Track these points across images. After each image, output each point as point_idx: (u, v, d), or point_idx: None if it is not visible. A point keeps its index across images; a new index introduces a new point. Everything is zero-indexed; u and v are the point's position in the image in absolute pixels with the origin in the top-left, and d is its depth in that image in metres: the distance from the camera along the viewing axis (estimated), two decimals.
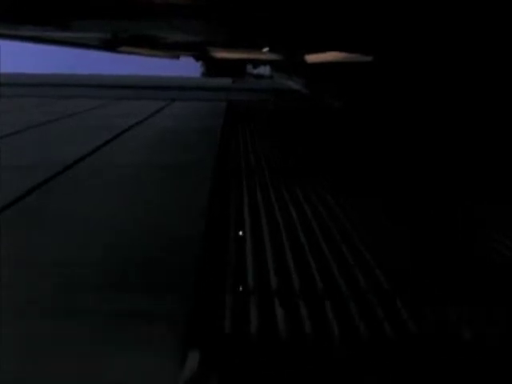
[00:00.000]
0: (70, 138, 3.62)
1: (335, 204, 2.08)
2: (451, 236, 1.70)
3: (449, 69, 3.62)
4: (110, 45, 7.58)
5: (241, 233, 1.60)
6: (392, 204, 2.11)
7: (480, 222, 1.86)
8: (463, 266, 1.44)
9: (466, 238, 1.68)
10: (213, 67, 17.18)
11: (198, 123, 4.65)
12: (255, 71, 18.81)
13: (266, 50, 7.36)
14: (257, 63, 16.18)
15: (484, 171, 2.79)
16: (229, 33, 5.56)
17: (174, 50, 9.21)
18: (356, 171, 2.82)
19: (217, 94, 9.17)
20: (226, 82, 14.50)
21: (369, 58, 5.38)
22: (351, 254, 1.57)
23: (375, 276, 1.39)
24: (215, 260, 1.40)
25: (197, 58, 13.67)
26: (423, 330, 1.08)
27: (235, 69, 16.64)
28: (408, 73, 4.51)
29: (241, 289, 1.23)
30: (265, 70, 19.76)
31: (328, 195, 2.21)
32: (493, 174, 2.73)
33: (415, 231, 1.76)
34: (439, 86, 3.79)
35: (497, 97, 2.98)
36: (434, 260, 1.48)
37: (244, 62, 15.39)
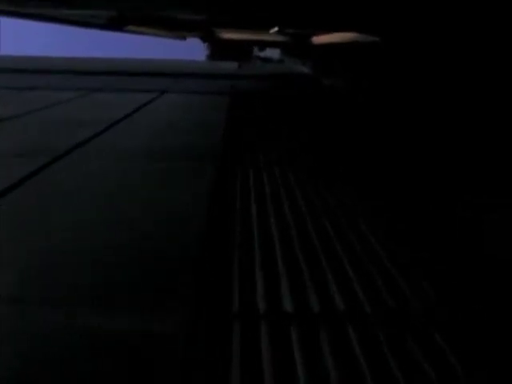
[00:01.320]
0: None
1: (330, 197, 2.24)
2: (450, 230, 1.74)
3: (460, 56, 3.73)
4: (116, 23, 7.72)
5: None
6: (390, 196, 2.15)
7: (480, 216, 1.89)
8: (463, 261, 1.50)
9: (465, 233, 1.73)
10: (218, 50, 17.11)
11: (180, 143, 3.02)
12: (262, 54, 18.74)
13: (274, 30, 7.47)
14: (264, 45, 16.06)
15: (484, 164, 2.82)
16: (236, 11, 5.67)
17: (180, 29, 9.32)
18: (356, 161, 2.87)
19: (218, 84, 7.55)
20: (230, 66, 13.09)
21: (376, 39, 5.51)
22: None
23: (382, 264, 1.57)
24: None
25: (203, 40, 13.74)
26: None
27: (241, 52, 16.52)
28: (417, 55, 4.63)
29: None
30: (273, 53, 19.66)
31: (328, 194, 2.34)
32: (493, 167, 2.76)
33: (413, 224, 1.80)
34: (447, 74, 3.90)
35: (502, 85, 3.06)
36: (433, 253, 1.55)
37: (251, 44, 15.30)
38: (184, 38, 13.15)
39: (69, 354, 0.98)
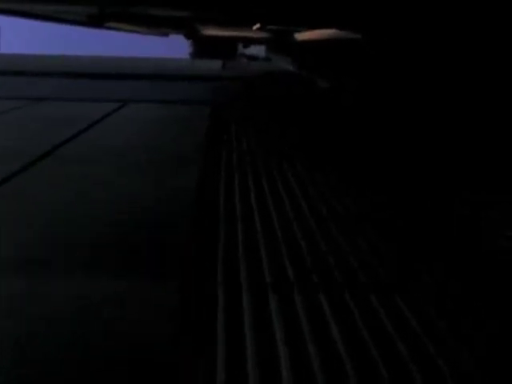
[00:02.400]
0: None
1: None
2: (449, 226, 1.77)
3: (443, 48, 3.81)
4: (96, 20, 7.74)
5: None
6: (390, 193, 2.18)
7: (478, 213, 1.92)
8: (462, 256, 1.54)
9: (463, 229, 1.76)
10: (202, 48, 17.07)
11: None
12: (248, 52, 18.74)
13: (256, 27, 7.54)
14: (249, 42, 16.03)
15: (481, 161, 2.82)
16: (217, 7, 5.71)
17: (162, 26, 9.35)
18: (352, 162, 2.88)
19: (197, 89, 6.31)
20: (214, 65, 12.15)
21: (358, 36, 5.60)
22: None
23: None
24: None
25: (187, 37, 13.73)
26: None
27: (226, 50, 16.48)
28: (401, 52, 4.71)
29: None
30: (259, 50, 19.66)
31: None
32: (491, 164, 2.77)
33: (411, 223, 1.82)
34: (436, 69, 3.98)
35: (492, 81, 3.12)
36: (431, 248, 1.58)
37: (235, 42, 15.27)
38: (166, 34, 13.18)
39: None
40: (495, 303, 1.25)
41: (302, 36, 7.24)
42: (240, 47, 17.97)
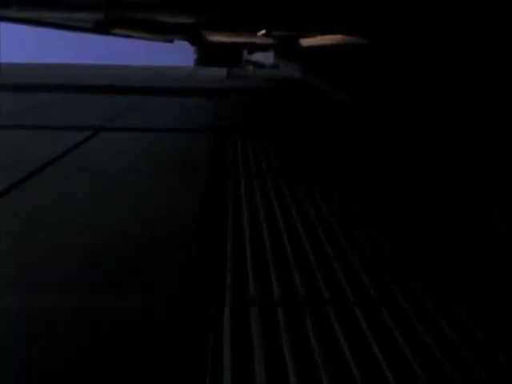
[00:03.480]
0: None
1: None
2: (451, 225, 1.78)
3: (448, 53, 3.84)
4: (102, 27, 7.82)
5: None
6: (393, 192, 2.19)
7: (479, 212, 1.93)
8: (463, 254, 1.55)
9: (464, 227, 1.77)
10: (207, 55, 17.03)
11: None
12: (254, 59, 18.65)
13: (261, 33, 7.60)
14: (254, 49, 15.97)
15: (486, 164, 2.82)
16: (224, 13, 5.76)
17: (167, 32, 9.41)
18: (354, 163, 2.87)
19: (195, 108, 5.03)
20: (218, 73, 11.24)
21: (364, 41, 5.64)
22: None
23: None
24: None
25: (192, 43, 13.75)
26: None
27: (231, 56, 16.41)
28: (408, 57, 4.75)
29: None
30: (267, 57, 19.51)
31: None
32: (495, 166, 2.76)
33: (415, 222, 1.83)
34: (440, 74, 4.01)
35: (498, 83, 3.14)
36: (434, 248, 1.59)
37: (240, 48, 15.22)
38: (171, 41, 13.27)
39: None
40: (495, 301, 1.26)
41: (308, 42, 7.28)
42: (246, 54, 17.88)
